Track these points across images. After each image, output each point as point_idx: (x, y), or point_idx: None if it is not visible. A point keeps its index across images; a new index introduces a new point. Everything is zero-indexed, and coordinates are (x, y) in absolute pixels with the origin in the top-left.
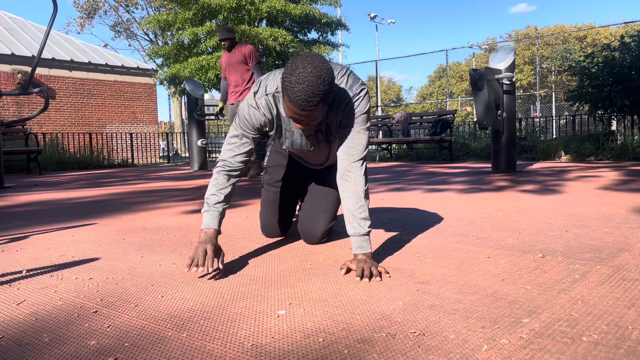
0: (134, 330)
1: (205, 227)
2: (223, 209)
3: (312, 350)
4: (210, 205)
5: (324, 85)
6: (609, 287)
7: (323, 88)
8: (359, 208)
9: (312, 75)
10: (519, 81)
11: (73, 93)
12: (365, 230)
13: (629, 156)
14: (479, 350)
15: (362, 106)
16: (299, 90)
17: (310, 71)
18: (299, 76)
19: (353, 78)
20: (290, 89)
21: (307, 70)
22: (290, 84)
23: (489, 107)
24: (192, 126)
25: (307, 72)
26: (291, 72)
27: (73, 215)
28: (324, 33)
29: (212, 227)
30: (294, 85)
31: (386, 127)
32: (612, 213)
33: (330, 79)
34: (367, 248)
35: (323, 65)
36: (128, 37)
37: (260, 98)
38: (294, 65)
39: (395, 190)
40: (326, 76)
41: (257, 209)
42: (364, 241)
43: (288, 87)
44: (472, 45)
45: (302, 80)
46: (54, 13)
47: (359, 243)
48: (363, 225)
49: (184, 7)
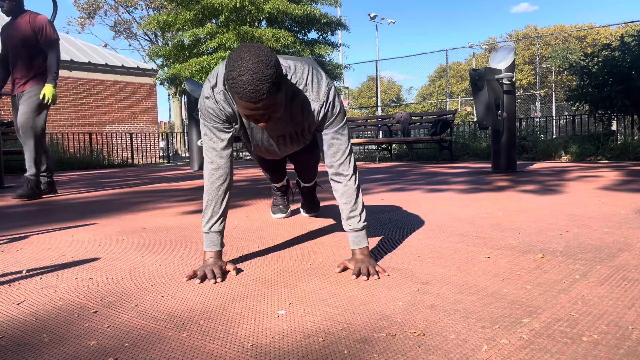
0: (134, 330)
1: (208, 249)
2: (222, 227)
3: (312, 350)
4: (209, 227)
5: (268, 69)
6: (609, 287)
7: (269, 72)
8: (353, 205)
9: (252, 63)
10: (519, 81)
11: (73, 93)
12: (361, 225)
13: (629, 156)
14: (479, 350)
15: (337, 108)
16: (244, 83)
17: (248, 59)
18: (239, 69)
19: (317, 76)
20: (236, 85)
21: (245, 59)
22: (234, 81)
23: (489, 107)
24: (192, 126)
25: (247, 61)
26: (231, 68)
27: (73, 215)
28: (324, 33)
29: (214, 250)
30: (237, 80)
31: (386, 127)
32: (612, 213)
33: (274, 62)
34: (363, 243)
35: (261, 50)
36: (128, 37)
37: (219, 93)
38: (231, 61)
39: (395, 190)
40: (268, 60)
41: (257, 209)
42: (359, 236)
43: (233, 85)
44: (472, 45)
45: (244, 71)
46: (54, 13)
47: (354, 238)
48: (358, 221)
49: (184, 8)
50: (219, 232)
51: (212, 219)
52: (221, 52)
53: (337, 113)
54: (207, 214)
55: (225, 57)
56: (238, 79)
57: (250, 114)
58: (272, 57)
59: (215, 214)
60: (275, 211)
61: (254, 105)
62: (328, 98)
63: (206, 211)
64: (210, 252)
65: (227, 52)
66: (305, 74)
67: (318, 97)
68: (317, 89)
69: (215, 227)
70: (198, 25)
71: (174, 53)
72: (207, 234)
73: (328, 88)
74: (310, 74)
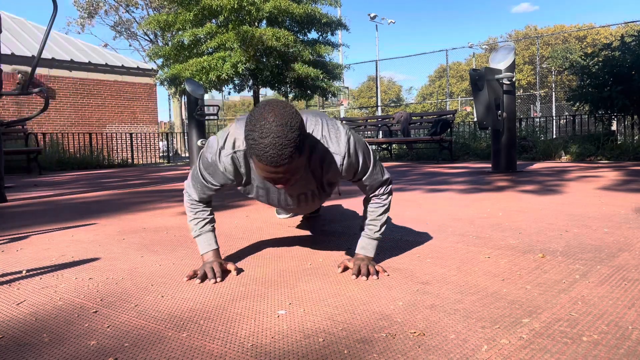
0: (134, 330)
1: (204, 251)
2: (212, 226)
3: (312, 350)
4: (199, 229)
5: (292, 133)
6: (609, 287)
7: (292, 136)
8: (378, 215)
9: (276, 125)
10: (519, 81)
11: (73, 93)
12: (376, 235)
13: (629, 156)
14: (479, 350)
15: (361, 156)
16: (266, 146)
17: (272, 121)
18: (261, 130)
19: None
20: (257, 148)
21: (269, 121)
22: (255, 143)
23: (489, 107)
24: (192, 126)
25: (270, 123)
26: (252, 128)
27: (73, 215)
28: (324, 33)
29: (212, 249)
30: (258, 142)
31: (386, 127)
32: (612, 213)
33: (299, 124)
34: (370, 251)
35: (285, 111)
36: (128, 37)
37: (227, 156)
38: (253, 120)
39: (395, 190)
40: (293, 122)
41: (257, 209)
42: (369, 244)
43: (254, 147)
44: (472, 45)
45: (267, 134)
46: (54, 13)
47: (363, 244)
48: (376, 231)
49: (184, 8)
50: (211, 232)
51: (201, 222)
52: (221, 52)
53: (362, 162)
54: (195, 219)
55: (225, 57)
56: (260, 141)
57: (268, 177)
58: (297, 118)
59: (203, 217)
60: (279, 212)
61: (275, 169)
62: (349, 149)
63: (194, 218)
64: (208, 253)
65: (227, 52)
66: (320, 126)
67: (339, 148)
68: (336, 140)
69: (206, 228)
70: (198, 25)
71: (174, 53)
72: (199, 237)
73: (347, 137)
74: (326, 126)
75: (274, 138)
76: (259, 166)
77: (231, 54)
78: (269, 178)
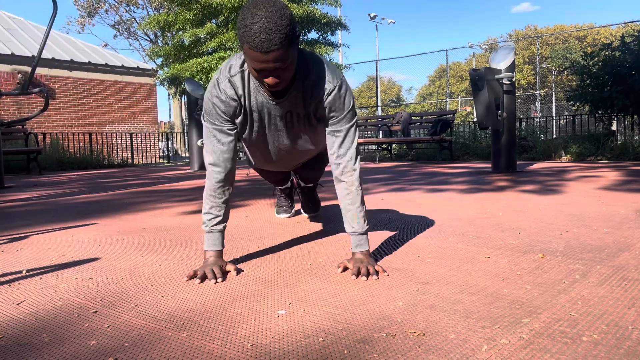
0: (134, 330)
1: (209, 248)
2: (224, 226)
3: (312, 350)
4: (210, 226)
5: (282, 20)
6: (609, 287)
7: (282, 22)
8: (357, 207)
9: (266, 12)
10: (519, 81)
11: (73, 93)
12: (363, 229)
13: (629, 156)
14: (479, 350)
15: (348, 100)
16: (256, 30)
17: (263, 7)
18: (252, 17)
19: (332, 66)
20: (248, 34)
21: (259, 7)
22: (246, 29)
23: (489, 107)
24: (192, 126)
25: (261, 9)
26: (244, 17)
27: (73, 215)
28: (324, 33)
29: (216, 250)
30: (249, 27)
31: (386, 127)
32: (612, 213)
33: (289, 14)
34: (364, 246)
35: (276, 2)
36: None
37: (225, 80)
38: (245, 10)
39: (395, 190)
40: (283, 11)
41: (257, 209)
42: (362, 240)
43: (245, 34)
44: (472, 45)
45: (257, 19)
46: (54, 13)
47: (357, 242)
48: (361, 224)
49: (184, 7)
50: (221, 232)
51: (214, 219)
52: (221, 52)
53: (347, 108)
54: (209, 214)
55: (226, 57)
56: (250, 27)
57: (259, 67)
58: (286, 10)
59: (217, 214)
60: (279, 211)
61: (264, 56)
62: (341, 86)
63: (208, 211)
64: (211, 252)
65: (227, 52)
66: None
67: (332, 79)
68: (332, 74)
69: (217, 227)
70: (198, 25)
71: (174, 53)
72: (208, 233)
73: (342, 77)
74: (326, 63)
75: (264, 23)
76: (250, 55)
77: (231, 54)
78: (260, 70)
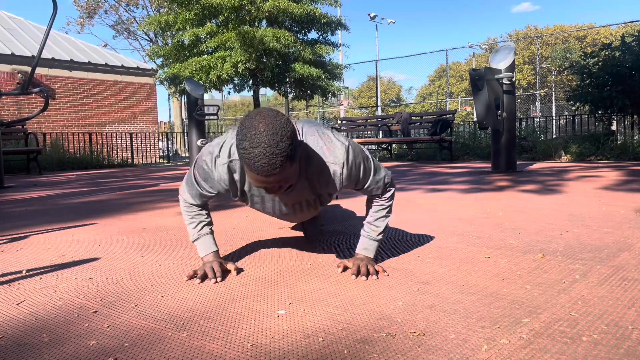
0: (134, 330)
1: (205, 252)
2: (211, 229)
3: (312, 350)
4: (197, 232)
5: (283, 142)
6: (609, 287)
7: (283, 145)
8: (379, 218)
9: (266, 135)
10: (519, 81)
11: (73, 93)
12: (377, 237)
13: (629, 156)
14: (479, 350)
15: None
16: (256, 155)
17: (263, 130)
18: (252, 140)
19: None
20: (247, 157)
21: (259, 130)
22: (245, 152)
23: (489, 107)
24: (192, 126)
25: (260, 133)
26: (243, 137)
27: (73, 215)
28: (324, 33)
29: (211, 251)
30: (249, 152)
31: (386, 127)
32: (612, 213)
33: (290, 133)
34: (371, 252)
35: (276, 120)
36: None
37: (223, 165)
38: (244, 129)
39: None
40: (284, 131)
41: None
42: (371, 245)
43: (245, 156)
44: (472, 45)
45: (257, 144)
46: (53, 13)
47: (365, 245)
48: (378, 232)
49: (184, 8)
50: (210, 234)
51: (199, 225)
52: (221, 51)
53: (364, 173)
54: (193, 223)
55: (225, 56)
56: (250, 150)
57: (260, 185)
58: (287, 127)
59: (200, 220)
60: None
61: (266, 179)
62: (348, 158)
63: (190, 222)
64: (208, 255)
65: (227, 51)
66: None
67: (336, 158)
68: (332, 150)
69: (205, 231)
70: (198, 25)
71: (173, 53)
72: (197, 240)
73: (345, 147)
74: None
75: (264, 148)
76: (251, 175)
77: (231, 53)
78: (260, 186)
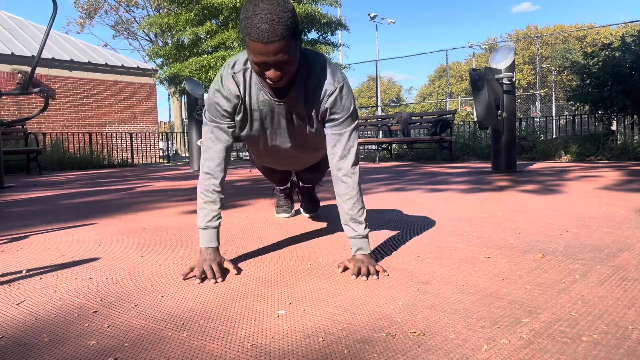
0: (134, 330)
1: (205, 245)
2: (219, 223)
3: (312, 350)
4: (207, 222)
5: (284, 12)
6: (609, 287)
7: (284, 14)
8: (358, 212)
9: (268, 4)
10: (519, 81)
11: (73, 93)
12: (365, 232)
13: (629, 156)
14: (479, 350)
15: (349, 102)
16: (258, 21)
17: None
18: (254, 9)
19: (334, 67)
20: (249, 25)
21: (261, 1)
22: (247, 21)
23: (489, 107)
24: (191, 126)
25: (263, 2)
26: (246, 11)
27: (73, 215)
28: (324, 33)
29: (212, 246)
30: (250, 19)
31: (386, 127)
32: (612, 213)
33: (292, 7)
34: (366, 249)
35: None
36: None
37: (227, 77)
38: (247, 5)
39: (395, 190)
40: (285, 4)
41: (257, 209)
42: (363, 243)
43: (246, 25)
44: (472, 45)
45: (259, 11)
46: (53, 13)
47: (358, 245)
48: (362, 227)
49: (184, 8)
50: (216, 229)
51: (208, 215)
52: (221, 51)
53: (348, 110)
54: (203, 211)
55: (226, 56)
56: (252, 18)
57: (261, 60)
58: (289, 4)
59: (211, 210)
60: (279, 211)
61: (265, 47)
62: (343, 87)
63: (202, 206)
64: (208, 249)
65: (227, 51)
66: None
67: (334, 80)
68: (333, 75)
69: (212, 224)
70: (198, 25)
71: (174, 52)
72: (204, 230)
73: (344, 80)
74: (329, 63)
75: (266, 14)
76: (252, 48)
77: (231, 53)
78: (261, 64)
